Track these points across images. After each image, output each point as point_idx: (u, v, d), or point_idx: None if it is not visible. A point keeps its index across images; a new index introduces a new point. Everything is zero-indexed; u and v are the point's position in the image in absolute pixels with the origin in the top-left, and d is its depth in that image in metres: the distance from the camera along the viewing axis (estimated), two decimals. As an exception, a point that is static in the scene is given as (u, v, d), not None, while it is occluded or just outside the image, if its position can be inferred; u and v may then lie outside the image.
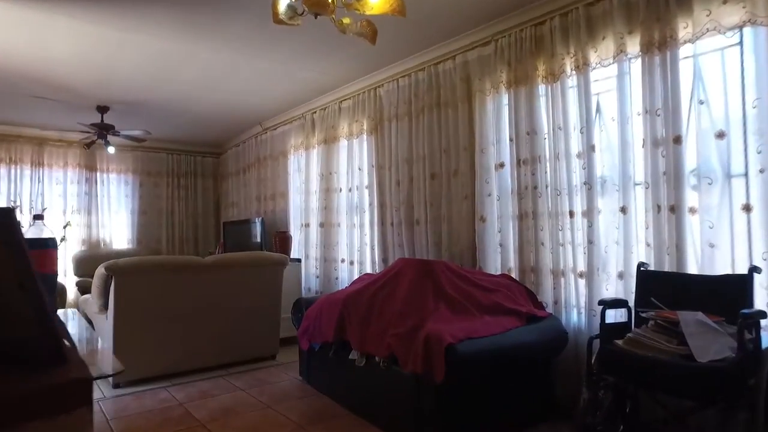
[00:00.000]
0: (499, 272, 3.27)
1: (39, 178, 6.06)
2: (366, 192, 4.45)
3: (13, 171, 5.93)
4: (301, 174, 5.35)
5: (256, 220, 5.62)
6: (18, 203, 5.89)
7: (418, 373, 2.34)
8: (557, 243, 2.90)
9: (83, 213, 6.33)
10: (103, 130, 4.92)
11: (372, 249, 4.35)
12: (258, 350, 4.07)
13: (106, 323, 3.50)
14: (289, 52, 3.83)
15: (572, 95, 2.85)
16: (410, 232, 3.97)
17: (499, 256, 3.29)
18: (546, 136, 2.98)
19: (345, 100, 4.73)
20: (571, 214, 2.83)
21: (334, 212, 4.82)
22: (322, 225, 4.93)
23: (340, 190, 4.77)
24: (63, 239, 6.00)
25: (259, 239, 5.51)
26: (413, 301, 2.76)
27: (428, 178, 3.79)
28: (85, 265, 5.72)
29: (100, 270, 3.35)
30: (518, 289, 2.93)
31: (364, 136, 4.49)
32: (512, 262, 3.21)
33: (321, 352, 3.22)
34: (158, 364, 3.57)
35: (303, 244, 5.23)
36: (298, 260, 5.20)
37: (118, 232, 6.65)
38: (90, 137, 5.04)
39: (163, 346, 3.57)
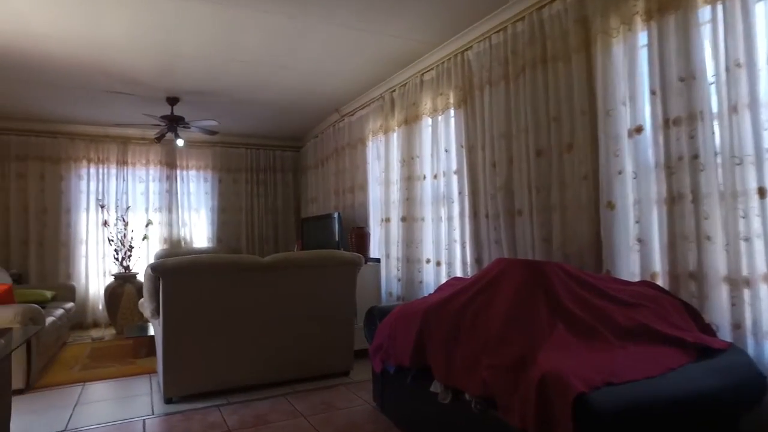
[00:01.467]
0: (636, 278, 2.38)
1: (123, 176, 6.06)
2: (454, 178, 3.70)
3: (100, 170, 5.98)
4: (380, 162, 4.72)
5: (334, 216, 5.10)
6: (105, 202, 5.90)
7: (528, 429, 1.57)
8: (736, 236, 1.95)
9: (164, 211, 6.25)
10: (173, 122, 4.66)
11: (462, 247, 3.59)
12: (328, 365, 3.50)
13: (159, 329, 3.11)
14: (358, 12, 3.20)
15: (764, 11, 1.89)
16: (510, 225, 3.16)
17: (637, 255, 2.39)
18: (713, 80, 2.04)
19: (427, 71, 4.02)
20: (762, 192, 1.87)
21: (417, 204, 4.12)
22: (403, 219, 4.26)
23: (424, 177, 4.06)
24: (145, 237, 5.93)
25: (336, 237, 4.98)
26: (518, 317, 1.99)
27: (533, 155, 2.96)
28: (165, 265, 5.57)
29: (148, 270, 2.95)
30: (671, 304, 2.03)
31: (451, 112, 3.74)
32: (657, 264, 2.30)
33: (397, 376, 2.55)
34: (214, 379, 3.12)
35: (383, 242, 4.60)
36: (377, 260, 4.58)
37: (199, 230, 6.51)
38: (161, 130, 4.82)
39: (219, 357, 3.11)
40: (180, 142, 4.94)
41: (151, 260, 5.81)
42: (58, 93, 4.67)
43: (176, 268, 2.94)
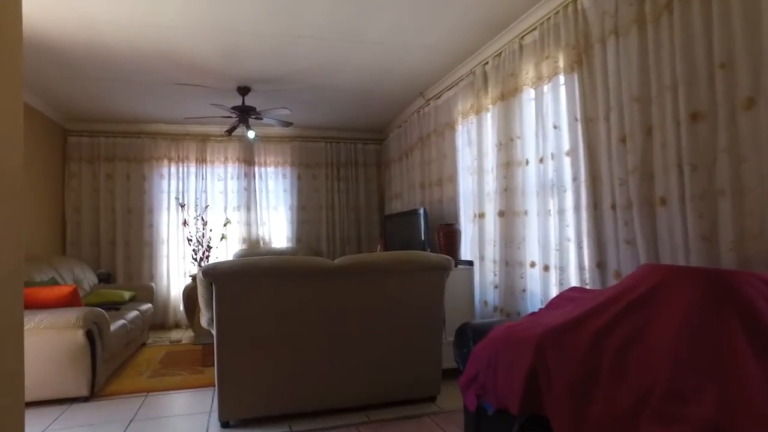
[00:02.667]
0: None
1: (203, 175, 5.92)
2: (566, 161, 2.94)
3: (180, 169, 5.89)
4: (471, 148, 4.05)
5: (419, 212, 4.50)
6: (185, 201, 5.80)
7: None
8: None
9: (242, 209, 6.03)
10: (244, 113, 4.33)
11: (578, 247, 2.82)
12: (411, 388, 2.90)
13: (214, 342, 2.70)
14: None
15: None
16: (648, 218, 2.36)
17: None
18: None
19: (528, 33, 3.29)
20: None
21: (518, 195, 3.40)
22: (501, 214, 3.55)
23: (527, 162, 3.33)
24: (223, 237, 5.74)
25: (422, 236, 4.37)
26: (701, 356, 1.25)
27: (685, 121, 2.15)
28: (242, 265, 5.31)
29: (199, 275, 2.54)
30: None
31: (560, 78, 2.99)
32: None
33: (497, 420, 1.89)
34: (276, 402, 2.65)
35: (476, 241, 3.91)
36: (470, 263, 3.90)
37: (277, 229, 6.21)
38: (233, 123, 4.52)
39: (281, 377, 2.64)
40: (251, 134, 4.62)
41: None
42: (130, 90, 4.55)
43: (230, 273, 2.50)
